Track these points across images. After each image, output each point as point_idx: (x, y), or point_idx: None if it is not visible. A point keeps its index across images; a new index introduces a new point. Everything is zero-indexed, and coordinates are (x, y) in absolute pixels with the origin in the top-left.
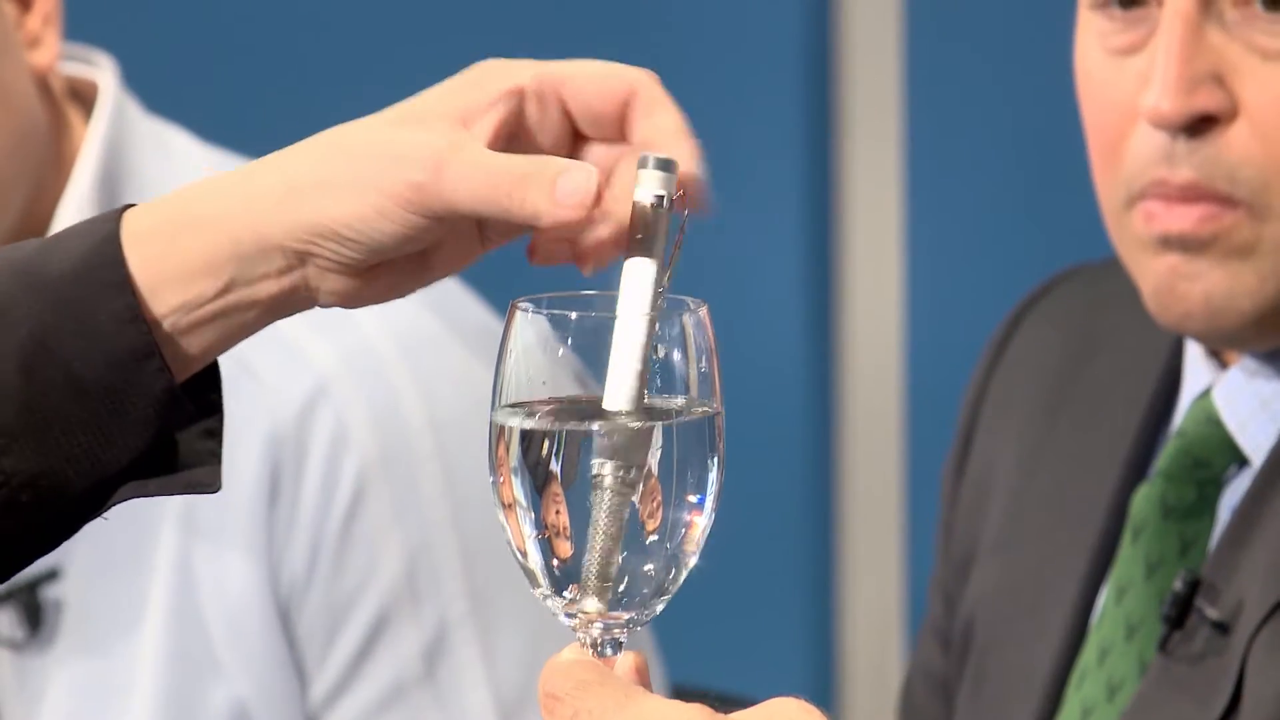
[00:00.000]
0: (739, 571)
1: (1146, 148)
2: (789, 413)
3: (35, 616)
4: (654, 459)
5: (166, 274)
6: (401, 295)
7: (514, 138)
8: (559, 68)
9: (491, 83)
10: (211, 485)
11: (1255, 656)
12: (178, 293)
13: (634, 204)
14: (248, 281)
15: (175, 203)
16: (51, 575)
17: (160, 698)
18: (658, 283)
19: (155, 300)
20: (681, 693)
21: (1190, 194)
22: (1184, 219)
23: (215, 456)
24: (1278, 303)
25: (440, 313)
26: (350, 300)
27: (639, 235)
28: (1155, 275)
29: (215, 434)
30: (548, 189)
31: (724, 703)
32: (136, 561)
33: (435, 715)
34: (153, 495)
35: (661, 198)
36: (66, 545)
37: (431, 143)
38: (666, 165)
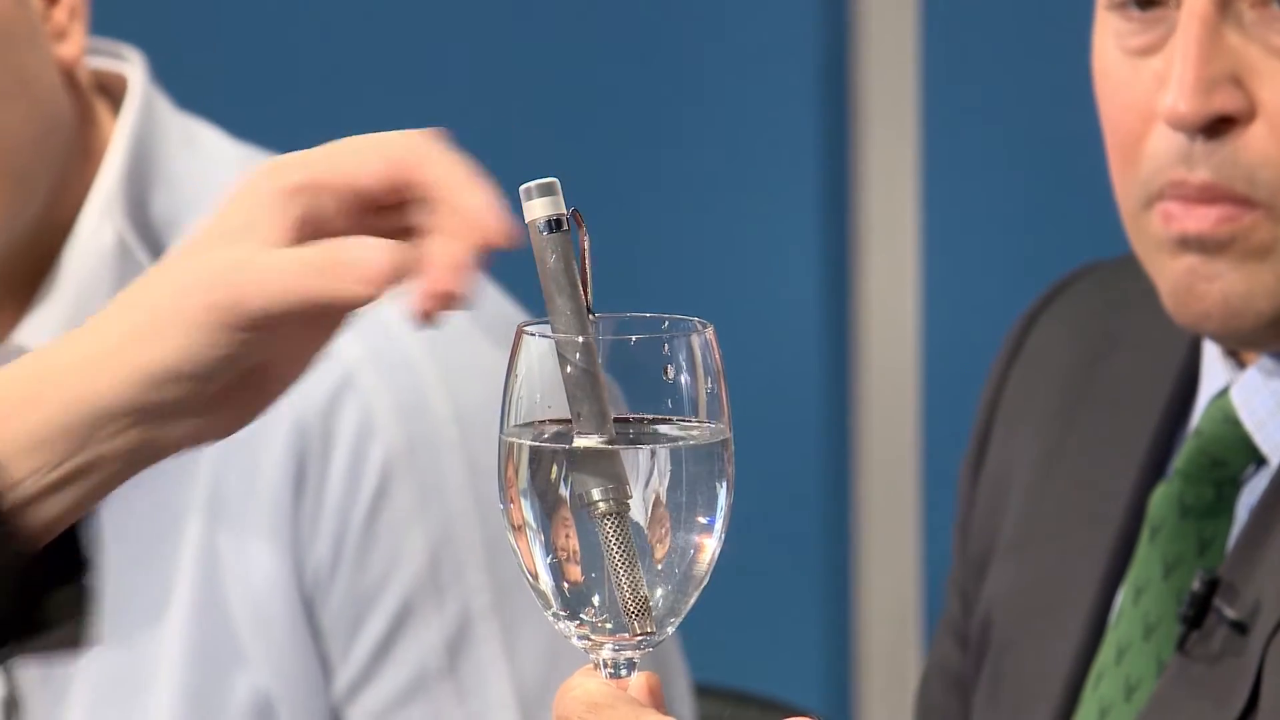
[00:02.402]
0: (757, 570)
1: (1164, 148)
2: (806, 413)
3: None
4: (663, 482)
5: (18, 445)
6: (257, 416)
7: (317, 234)
8: (319, 158)
9: (263, 188)
10: (83, 644)
11: (1273, 657)
12: (30, 460)
13: (531, 234)
14: (98, 441)
15: (16, 375)
16: None
17: (184, 689)
18: (581, 304)
19: (8, 469)
20: (700, 691)
21: (1208, 195)
22: (1202, 220)
23: (86, 614)
24: None
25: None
26: (204, 438)
27: (548, 263)
28: (1173, 276)
29: (85, 592)
30: (352, 271)
31: (741, 703)
32: (162, 553)
33: (456, 709)
34: (29, 654)
35: (554, 220)
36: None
37: (219, 260)
38: (548, 189)
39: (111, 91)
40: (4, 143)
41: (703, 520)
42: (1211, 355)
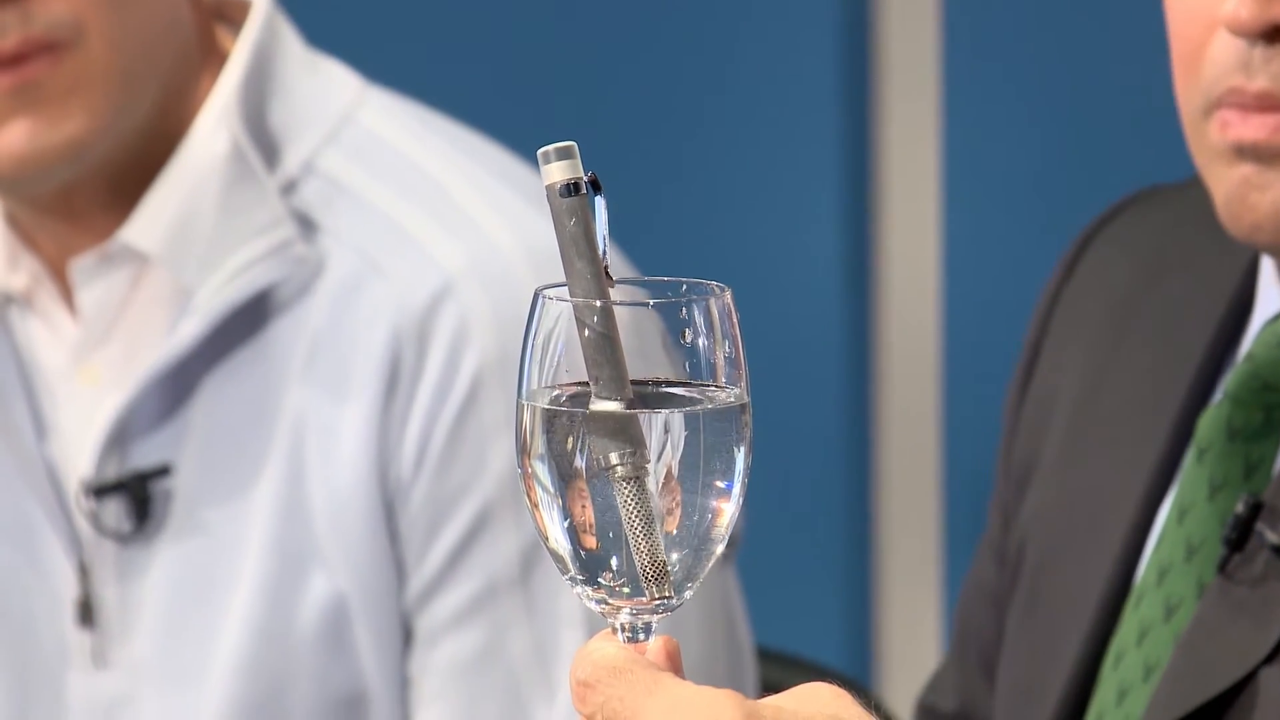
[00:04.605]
0: (779, 528)
1: (1224, 55)
2: (827, 371)
3: (144, 509)
4: (681, 447)
5: None
6: None
7: None
8: None
9: None
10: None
11: None
12: None
13: (549, 198)
14: None
15: None
16: (163, 471)
17: (261, 589)
18: (600, 267)
19: None
20: None
21: (1265, 103)
22: (1259, 128)
23: None
24: None
25: None
26: None
27: (566, 227)
28: (1228, 184)
29: None
30: None
31: (762, 659)
32: (248, 454)
33: (524, 621)
34: None
35: (572, 184)
36: (178, 440)
37: None
38: (566, 153)
39: (233, 21)
40: (115, 44)
41: (721, 484)
42: (1268, 278)
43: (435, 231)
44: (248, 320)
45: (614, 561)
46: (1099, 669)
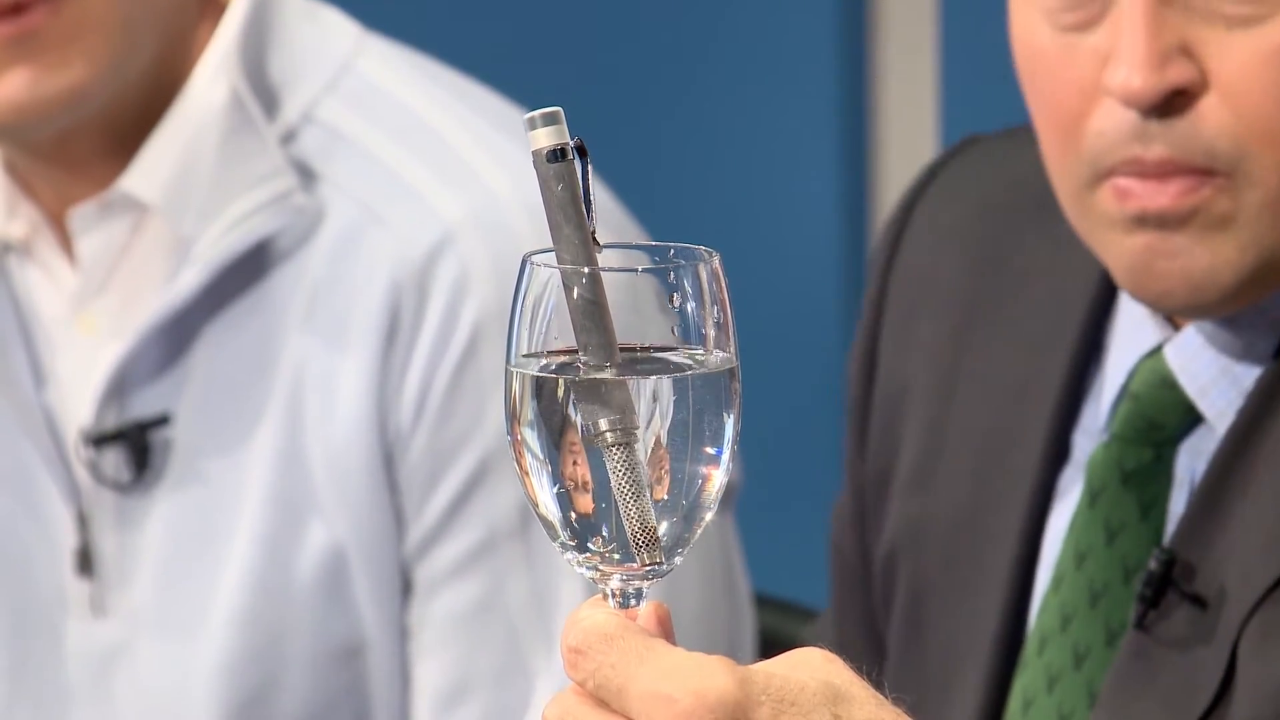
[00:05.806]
0: (777, 482)
1: (1114, 125)
2: (825, 323)
3: (143, 458)
4: (670, 413)
5: None
6: None
7: None
8: None
9: None
10: None
11: (1249, 641)
12: None
13: (536, 164)
14: None
15: None
16: (162, 420)
17: (260, 539)
18: (587, 233)
19: None
20: None
21: (1167, 169)
22: (1161, 195)
23: None
24: (1256, 271)
25: None
26: None
27: (554, 193)
28: (1130, 254)
29: None
30: None
31: (759, 605)
32: (248, 404)
33: (523, 571)
34: None
35: (558, 149)
36: (177, 390)
37: None
38: (552, 118)
39: None
40: None
41: (710, 450)
42: (1138, 310)
43: (435, 182)
44: (247, 270)
45: (604, 528)
46: (1001, 713)
